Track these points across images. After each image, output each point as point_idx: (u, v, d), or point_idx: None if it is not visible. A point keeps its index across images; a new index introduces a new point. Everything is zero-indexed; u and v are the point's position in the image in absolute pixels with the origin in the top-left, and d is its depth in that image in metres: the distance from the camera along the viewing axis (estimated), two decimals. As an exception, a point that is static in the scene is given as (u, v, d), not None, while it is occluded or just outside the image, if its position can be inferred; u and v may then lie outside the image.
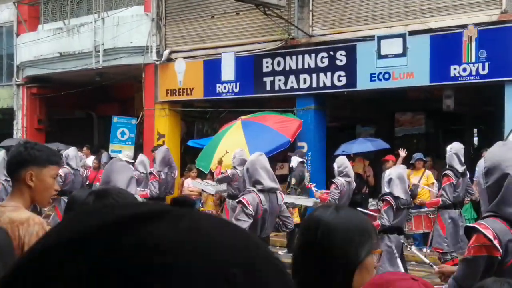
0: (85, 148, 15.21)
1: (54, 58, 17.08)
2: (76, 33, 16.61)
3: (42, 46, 17.21)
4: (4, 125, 19.57)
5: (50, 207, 10.86)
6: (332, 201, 9.26)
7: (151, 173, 10.12)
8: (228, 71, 13.75)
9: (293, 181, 11.16)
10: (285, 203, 6.00)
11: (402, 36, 11.45)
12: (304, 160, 11.76)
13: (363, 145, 12.90)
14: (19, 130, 18.72)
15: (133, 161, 11.86)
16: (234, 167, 10.27)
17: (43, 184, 2.82)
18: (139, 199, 5.67)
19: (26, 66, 18.25)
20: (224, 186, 10.87)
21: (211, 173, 12.37)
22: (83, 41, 16.30)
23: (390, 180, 8.95)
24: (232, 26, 14.09)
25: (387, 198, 8.92)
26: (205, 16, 14.55)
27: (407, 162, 11.18)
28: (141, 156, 11.19)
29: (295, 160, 11.41)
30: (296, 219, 11.52)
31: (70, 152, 11.67)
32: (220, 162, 11.34)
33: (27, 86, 18.60)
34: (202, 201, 13.12)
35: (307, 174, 11.76)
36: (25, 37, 18.00)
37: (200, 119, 16.58)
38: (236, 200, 5.68)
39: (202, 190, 12.49)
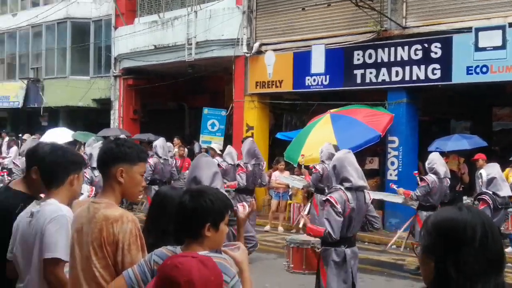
0: (175, 139, 15.61)
1: (149, 50, 17.60)
2: (170, 26, 17.02)
3: (138, 39, 17.78)
4: (102, 115, 20.43)
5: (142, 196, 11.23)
6: (414, 196, 9.00)
7: (238, 164, 10.22)
8: (318, 64, 13.61)
9: None
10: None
11: (502, 28, 10.89)
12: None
13: (458, 142, 12.40)
14: (116, 120, 19.46)
15: (220, 152, 12.05)
16: (322, 161, 10.19)
17: (133, 180, 2.88)
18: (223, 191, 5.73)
19: (123, 58, 18.92)
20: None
21: (300, 166, 12.32)
22: (177, 34, 16.68)
23: (492, 179, 8.57)
24: (323, 18, 13.94)
25: (485, 198, 8.56)
26: (296, 8, 14.48)
27: (505, 159, 10.67)
28: (229, 148, 11.34)
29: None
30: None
31: (158, 142, 12.05)
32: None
33: (123, 78, 19.29)
34: (290, 193, 13.12)
35: None
36: (122, 30, 18.65)
37: (289, 111, 16.56)
38: (323, 199, 5.60)
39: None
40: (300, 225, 9.40)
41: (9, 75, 24.53)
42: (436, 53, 11.96)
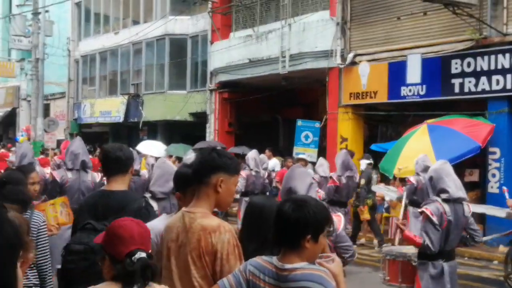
0: (267, 151, 15.74)
1: (243, 64, 17.90)
2: (264, 40, 17.24)
3: (233, 53, 18.14)
4: (197, 128, 20.94)
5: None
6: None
7: (331, 177, 10.14)
8: (414, 73, 13.28)
9: (362, 181, 11.75)
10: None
11: None
12: (371, 162, 12.28)
13: None
14: (211, 133, 19.90)
15: (309, 161, 12.01)
16: (417, 174, 9.92)
17: (229, 191, 2.91)
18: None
19: (218, 72, 19.35)
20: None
21: (395, 178, 12.05)
22: (271, 47, 16.87)
23: None
24: (419, 27, 13.63)
25: None
26: (391, 18, 14.25)
27: None
28: (321, 160, 11.30)
29: (363, 163, 12.08)
30: (366, 216, 11.15)
31: (251, 154, 12.18)
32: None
33: (219, 91, 19.70)
34: (385, 206, 12.84)
35: (374, 176, 11.94)
36: (218, 45, 19.10)
37: (384, 122, 16.26)
38: (419, 210, 5.44)
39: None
40: (396, 242, 9.17)
41: (111, 91, 25.71)
42: (541, 60, 11.37)
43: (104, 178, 6.71)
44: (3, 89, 33.79)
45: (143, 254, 2.33)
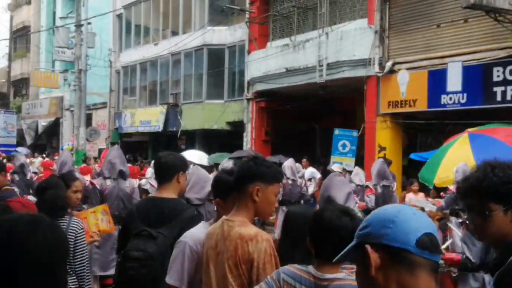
0: (304, 160, 15.63)
1: (281, 73, 17.89)
2: (301, 49, 17.21)
3: (270, 62, 18.16)
4: (235, 137, 20.99)
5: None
6: None
7: (367, 186, 10.02)
8: (454, 81, 13.05)
9: None
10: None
11: None
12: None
13: None
14: (248, 142, 19.92)
15: (340, 171, 11.88)
16: (458, 182, 9.70)
17: (267, 200, 2.88)
18: (359, 212, 5.62)
19: (255, 81, 19.40)
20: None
21: (435, 188, 11.82)
22: (308, 56, 16.82)
23: None
24: (460, 34, 13.39)
25: None
26: (431, 26, 14.05)
27: None
28: (356, 169, 11.20)
29: None
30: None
31: (287, 163, 12.15)
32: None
33: (256, 100, 19.74)
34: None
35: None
36: (255, 55, 19.15)
37: (424, 131, 16.00)
38: (459, 221, 5.31)
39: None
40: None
41: (151, 101, 26.04)
42: None
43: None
44: (47, 100, 34.58)
45: None
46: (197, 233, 3.25)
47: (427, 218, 1.68)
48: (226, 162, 12.39)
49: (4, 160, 22.10)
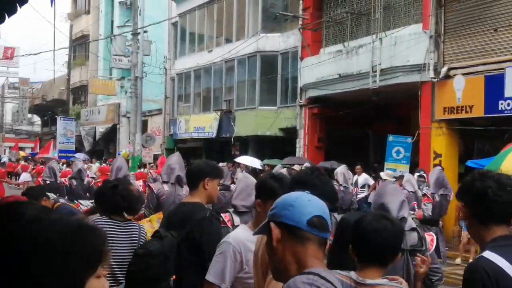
0: (358, 166, 15.53)
1: (333, 79, 17.84)
2: (354, 55, 17.13)
3: (323, 68, 18.14)
4: (287, 143, 21.04)
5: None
6: None
7: (424, 194, 9.89)
8: (512, 87, 12.73)
9: None
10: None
11: None
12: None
13: None
14: (301, 148, 19.92)
15: (393, 178, 11.74)
16: None
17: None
18: (411, 221, 5.58)
19: (308, 88, 19.40)
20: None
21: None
22: (361, 61, 16.73)
23: None
24: (517, 38, 13.08)
25: None
26: (487, 30, 13.77)
27: None
28: (408, 175, 11.07)
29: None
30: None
31: (340, 169, 12.08)
32: None
33: (309, 107, 19.74)
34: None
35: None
36: (308, 61, 19.16)
37: (481, 137, 15.65)
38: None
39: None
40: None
41: (204, 108, 26.38)
42: None
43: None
44: (104, 106, 35.51)
45: None
46: (240, 234, 3.34)
47: (320, 203, 2.14)
48: (279, 169, 12.44)
49: (64, 166, 22.83)
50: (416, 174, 11.66)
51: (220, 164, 18.61)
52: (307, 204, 2.10)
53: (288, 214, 2.06)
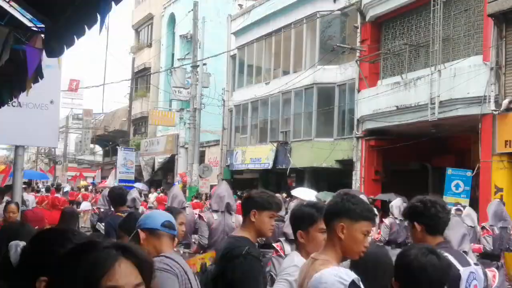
0: (415, 200, 15.17)
1: (391, 111, 17.65)
2: (412, 86, 16.92)
3: (380, 100, 17.98)
4: (343, 176, 20.83)
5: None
6: None
7: (484, 227, 9.59)
8: None
9: None
10: None
11: None
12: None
13: None
14: (357, 181, 19.69)
15: (460, 213, 11.43)
16: None
17: (353, 238, 2.81)
18: (472, 256, 5.43)
19: (365, 119, 19.25)
20: None
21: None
22: (419, 93, 16.50)
23: None
24: None
25: None
26: (551, 61, 13.37)
27: None
28: (468, 209, 10.78)
29: None
30: None
31: (395, 202, 11.89)
32: None
33: (365, 139, 19.55)
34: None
35: None
36: (365, 93, 19.06)
37: (545, 172, 15.06)
38: None
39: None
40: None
41: (261, 139, 26.51)
42: None
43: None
44: (164, 137, 36.18)
45: None
46: (295, 259, 3.32)
47: (167, 214, 3.67)
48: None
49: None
50: (454, 208, 11.34)
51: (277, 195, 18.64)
52: (159, 214, 3.66)
53: (151, 222, 3.48)
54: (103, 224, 8.92)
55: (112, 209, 7.66)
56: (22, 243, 2.21)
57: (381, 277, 2.80)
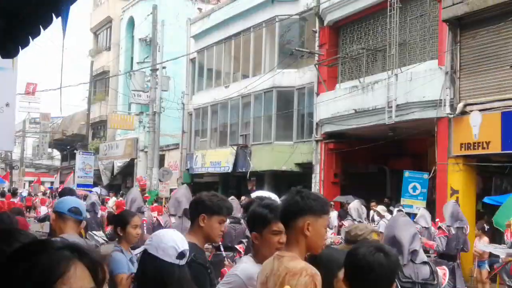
0: (373, 203, 15.44)
1: (349, 114, 17.87)
2: (370, 90, 17.17)
3: (339, 103, 18.19)
4: (303, 179, 20.95)
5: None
6: None
7: (440, 227, 9.79)
8: (529, 123, 12.64)
9: None
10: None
11: None
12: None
13: None
14: (317, 184, 19.85)
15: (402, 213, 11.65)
16: None
17: (318, 233, 2.85)
18: (423, 255, 5.53)
19: (324, 123, 19.43)
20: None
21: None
22: (377, 97, 16.76)
23: None
24: (534, 74, 13.04)
25: None
26: (503, 66, 13.75)
27: None
28: (422, 210, 11.01)
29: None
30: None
31: (353, 204, 12.06)
32: (509, 225, 10.38)
33: (324, 142, 19.73)
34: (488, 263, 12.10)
35: None
36: (323, 96, 19.25)
37: (499, 174, 15.49)
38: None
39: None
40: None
41: (221, 142, 26.48)
42: None
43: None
44: (123, 141, 35.81)
45: None
46: (248, 268, 3.29)
47: (76, 201, 4.45)
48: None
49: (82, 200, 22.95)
50: (396, 209, 11.60)
51: (231, 198, 18.61)
52: (69, 200, 4.41)
53: (60, 206, 4.20)
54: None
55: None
56: None
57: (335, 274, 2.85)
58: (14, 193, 21.96)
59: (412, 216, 13.64)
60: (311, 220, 2.82)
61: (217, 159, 25.74)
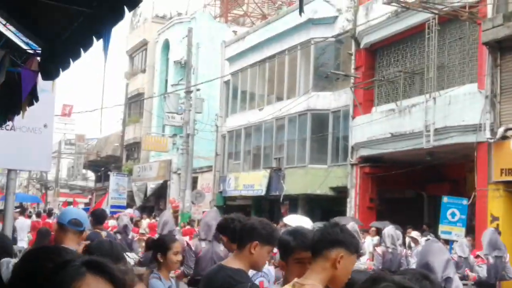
0: (409, 230, 15.11)
1: (385, 138, 17.61)
2: (407, 114, 16.92)
3: (375, 127, 17.96)
4: (337, 203, 20.70)
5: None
6: None
7: (478, 255, 9.48)
8: None
9: None
10: None
11: None
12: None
13: None
14: (352, 208, 19.55)
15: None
16: None
17: (346, 269, 2.81)
18: (460, 283, 5.34)
19: (359, 146, 19.19)
20: None
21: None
22: (414, 121, 16.49)
23: None
24: None
25: None
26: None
27: None
28: (461, 240, 10.69)
29: None
30: None
31: (386, 230, 11.74)
32: None
33: (360, 166, 19.47)
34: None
35: None
36: (359, 120, 19.04)
37: (541, 201, 14.99)
38: None
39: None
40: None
41: (254, 165, 26.38)
42: None
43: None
44: (156, 163, 36.00)
45: None
46: None
47: (77, 212, 4.66)
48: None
49: (114, 221, 23.05)
50: (424, 238, 11.25)
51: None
52: (70, 211, 4.52)
53: (62, 218, 4.28)
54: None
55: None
56: (14, 260, 2.14)
57: None
58: (49, 213, 22.17)
59: (451, 243, 13.29)
60: (344, 254, 2.79)
61: (250, 182, 25.62)
